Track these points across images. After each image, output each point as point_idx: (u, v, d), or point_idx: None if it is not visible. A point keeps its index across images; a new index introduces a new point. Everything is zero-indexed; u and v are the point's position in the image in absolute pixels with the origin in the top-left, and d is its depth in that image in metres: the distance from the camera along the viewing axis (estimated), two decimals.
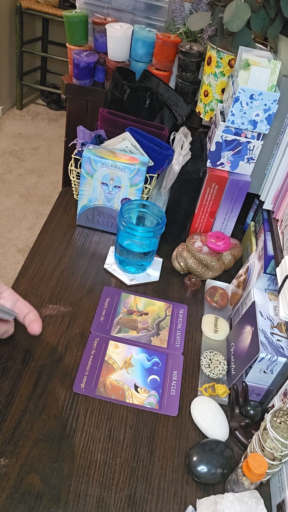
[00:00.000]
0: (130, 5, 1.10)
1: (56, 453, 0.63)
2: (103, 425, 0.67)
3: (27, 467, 0.60)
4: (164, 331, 0.84)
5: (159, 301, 0.90)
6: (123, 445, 0.66)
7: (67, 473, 0.61)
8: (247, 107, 0.83)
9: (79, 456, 0.63)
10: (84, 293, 0.87)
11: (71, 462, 0.62)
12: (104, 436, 0.66)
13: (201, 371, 0.78)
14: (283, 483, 0.61)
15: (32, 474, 0.60)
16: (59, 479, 0.60)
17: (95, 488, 0.60)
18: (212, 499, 0.59)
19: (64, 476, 0.60)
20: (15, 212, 2.40)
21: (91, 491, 0.60)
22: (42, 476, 0.60)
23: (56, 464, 0.61)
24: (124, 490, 0.61)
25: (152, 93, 1.04)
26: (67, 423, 0.66)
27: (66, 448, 0.63)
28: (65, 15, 1.10)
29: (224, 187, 0.95)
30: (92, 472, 0.62)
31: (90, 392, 0.71)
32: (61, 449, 0.63)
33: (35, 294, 0.84)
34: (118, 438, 0.66)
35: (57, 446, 0.62)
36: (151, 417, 0.70)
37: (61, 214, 1.05)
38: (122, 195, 0.95)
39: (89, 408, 0.69)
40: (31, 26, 3.32)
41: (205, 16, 0.90)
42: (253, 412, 0.71)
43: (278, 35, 0.91)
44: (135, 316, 0.85)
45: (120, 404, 0.70)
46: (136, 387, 0.73)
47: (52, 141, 3.06)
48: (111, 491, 0.60)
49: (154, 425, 0.69)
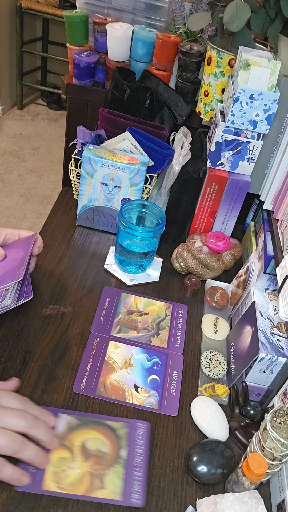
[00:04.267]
0: (130, 5, 1.10)
1: None
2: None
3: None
4: (164, 331, 0.84)
5: (159, 301, 0.90)
6: None
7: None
8: (247, 107, 0.83)
9: None
10: (84, 293, 0.87)
11: None
12: None
13: (201, 371, 0.78)
14: (283, 483, 0.61)
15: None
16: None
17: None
18: (212, 499, 0.59)
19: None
20: (15, 212, 2.40)
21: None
22: None
23: None
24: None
25: (152, 93, 1.04)
26: None
27: None
28: (65, 15, 1.10)
29: (224, 187, 0.95)
30: None
31: (90, 392, 0.71)
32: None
33: (35, 294, 0.84)
34: None
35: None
36: (151, 417, 0.70)
37: (61, 214, 1.05)
38: (122, 195, 0.95)
39: (89, 408, 0.69)
40: (31, 26, 3.33)
41: (205, 16, 0.90)
42: (253, 412, 0.71)
43: (278, 35, 0.91)
44: (135, 316, 0.85)
45: (120, 404, 0.70)
46: (136, 387, 0.73)
47: (52, 141, 3.06)
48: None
49: (154, 425, 0.69)
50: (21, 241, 0.81)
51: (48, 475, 0.58)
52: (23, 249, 0.77)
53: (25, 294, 0.77)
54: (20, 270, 0.71)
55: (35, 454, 0.56)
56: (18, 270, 0.71)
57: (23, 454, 0.54)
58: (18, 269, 0.72)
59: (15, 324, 0.78)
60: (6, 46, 3.07)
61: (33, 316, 0.80)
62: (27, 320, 0.79)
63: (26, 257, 0.75)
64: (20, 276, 0.70)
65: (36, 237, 0.81)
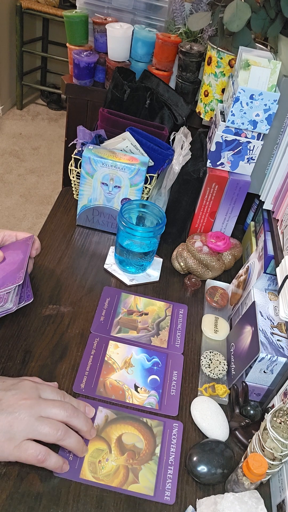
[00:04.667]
0: (130, 5, 1.10)
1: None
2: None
3: (27, 467, 0.60)
4: (164, 331, 0.84)
5: (159, 301, 0.90)
6: None
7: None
8: (247, 107, 0.83)
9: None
10: (84, 293, 0.87)
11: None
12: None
13: (201, 371, 0.78)
14: (283, 483, 0.61)
15: (32, 474, 0.60)
16: (59, 479, 0.60)
17: (95, 488, 0.60)
18: (212, 499, 0.59)
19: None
20: (15, 212, 2.40)
21: (91, 491, 0.60)
22: (42, 476, 0.60)
23: None
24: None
25: (152, 93, 1.04)
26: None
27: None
28: (65, 15, 1.10)
29: (224, 187, 0.95)
30: None
31: (90, 392, 0.71)
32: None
33: (35, 294, 0.84)
34: None
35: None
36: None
37: (61, 214, 1.05)
38: (122, 195, 0.95)
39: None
40: (31, 26, 3.33)
41: (205, 16, 0.90)
42: (253, 412, 0.71)
43: (278, 35, 0.91)
44: (135, 316, 0.85)
45: (120, 404, 0.70)
46: (136, 387, 0.73)
47: (52, 141, 3.06)
48: (111, 491, 0.60)
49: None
50: (19, 242, 0.81)
51: (85, 465, 0.61)
52: (22, 251, 0.77)
53: (26, 297, 0.77)
54: (20, 273, 0.71)
55: (76, 442, 0.59)
56: (18, 273, 0.72)
57: (66, 442, 0.57)
58: (18, 272, 0.72)
59: (15, 324, 0.78)
60: (6, 46, 3.07)
61: (33, 316, 0.80)
62: (27, 320, 0.79)
63: (25, 259, 0.75)
64: (20, 280, 0.70)
65: (34, 239, 0.81)
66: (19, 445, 0.54)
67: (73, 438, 0.58)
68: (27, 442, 0.55)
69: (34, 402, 0.57)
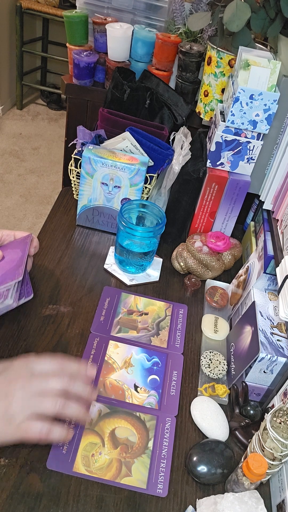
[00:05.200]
0: (130, 5, 1.10)
1: None
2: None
3: (27, 467, 0.60)
4: (164, 331, 0.84)
5: (159, 301, 0.90)
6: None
7: (67, 473, 0.61)
8: (247, 107, 0.83)
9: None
10: (84, 293, 0.87)
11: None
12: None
13: (201, 371, 0.78)
14: (283, 483, 0.61)
15: (32, 474, 0.60)
16: (59, 479, 0.60)
17: (95, 488, 0.60)
18: (212, 499, 0.59)
19: (64, 476, 0.60)
20: (15, 212, 2.40)
21: (90, 491, 0.60)
22: (42, 476, 0.60)
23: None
24: (124, 490, 0.61)
25: (152, 93, 1.04)
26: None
27: None
28: (65, 15, 1.10)
29: (224, 187, 0.95)
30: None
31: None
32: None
33: (35, 294, 0.84)
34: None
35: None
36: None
37: (61, 214, 1.05)
38: (122, 195, 0.95)
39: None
40: (31, 26, 3.32)
41: (205, 16, 0.90)
42: (253, 412, 0.71)
43: (278, 35, 0.91)
44: (135, 316, 0.85)
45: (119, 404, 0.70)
46: (136, 387, 0.73)
47: (52, 141, 3.06)
48: (111, 491, 0.60)
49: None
50: (17, 241, 0.81)
51: (79, 458, 0.62)
52: (20, 249, 0.77)
53: (26, 294, 0.77)
54: (20, 270, 0.72)
55: (78, 410, 0.58)
56: (18, 270, 0.72)
57: (66, 412, 0.57)
58: (17, 268, 0.72)
59: (15, 324, 0.78)
60: (6, 46, 3.07)
61: (33, 316, 0.80)
62: (27, 320, 0.79)
63: (24, 256, 0.75)
64: (20, 276, 0.70)
65: (32, 237, 0.81)
66: (19, 425, 0.54)
67: (74, 407, 0.58)
68: (26, 421, 0.55)
69: (25, 381, 0.57)
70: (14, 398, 0.55)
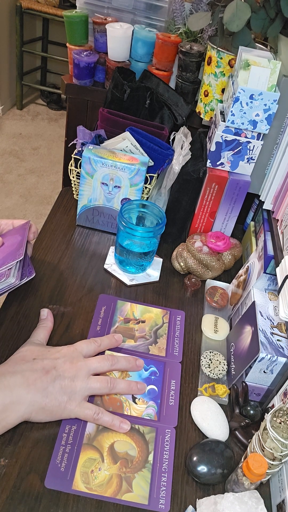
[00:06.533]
0: (130, 5, 1.10)
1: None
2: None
3: (27, 467, 0.60)
4: (162, 339, 0.82)
5: (156, 308, 0.88)
6: None
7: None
8: (247, 107, 0.83)
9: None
10: (84, 293, 0.87)
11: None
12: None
13: (201, 371, 0.78)
14: (283, 483, 0.61)
15: (32, 474, 0.60)
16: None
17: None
18: (212, 499, 0.59)
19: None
20: (15, 212, 2.40)
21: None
22: (42, 476, 0.60)
23: None
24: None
25: (152, 93, 1.04)
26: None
27: None
28: (65, 15, 1.10)
29: (224, 187, 0.95)
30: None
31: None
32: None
33: (35, 294, 0.84)
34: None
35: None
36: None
37: (61, 214, 1.05)
38: (122, 195, 0.95)
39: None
40: (31, 26, 3.33)
41: (205, 16, 0.90)
42: (253, 412, 0.71)
43: (278, 35, 0.91)
44: (132, 324, 0.84)
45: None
46: (134, 398, 0.71)
47: (52, 141, 3.06)
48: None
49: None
50: (16, 229, 0.83)
51: (78, 475, 0.60)
52: (20, 234, 0.79)
53: (28, 273, 0.78)
54: (20, 250, 0.74)
55: (128, 384, 0.68)
56: (18, 251, 0.74)
57: (117, 389, 0.66)
58: (18, 250, 0.74)
59: (15, 324, 0.78)
60: (6, 46, 3.07)
61: (33, 316, 0.80)
62: (27, 320, 0.79)
63: (24, 240, 0.77)
64: (21, 256, 0.72)
65: (30, 224, 0.83)
66: (80, 404, 0.63)
67: (123, 383, 0.67)
68: (84, 401, 0.63)
69: (82, 363, 0.65)
70: (76, 378, 0.63)
